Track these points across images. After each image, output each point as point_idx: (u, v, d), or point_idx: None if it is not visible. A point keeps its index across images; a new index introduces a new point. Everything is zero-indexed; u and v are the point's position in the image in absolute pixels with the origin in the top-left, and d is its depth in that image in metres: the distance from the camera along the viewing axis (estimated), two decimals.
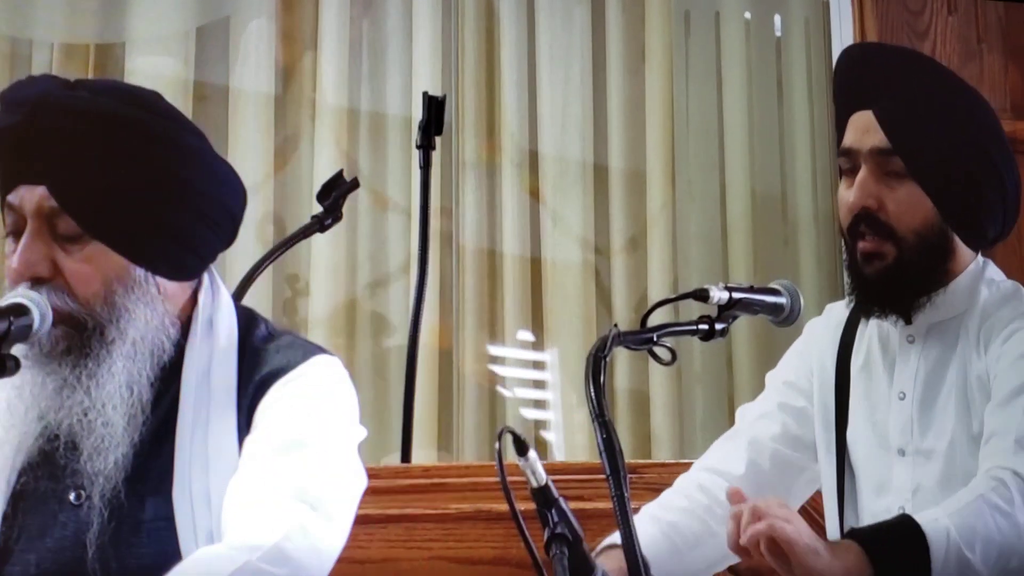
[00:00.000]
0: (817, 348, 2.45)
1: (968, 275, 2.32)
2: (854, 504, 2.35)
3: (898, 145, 2.24)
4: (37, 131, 1.89)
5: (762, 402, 2.50)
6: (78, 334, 1.91)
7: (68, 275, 1.90)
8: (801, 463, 2.44)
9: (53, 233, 1.91)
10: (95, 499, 1.90)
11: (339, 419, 1.99)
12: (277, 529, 1.82)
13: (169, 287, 1.97)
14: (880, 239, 2.27)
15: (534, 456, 1.81)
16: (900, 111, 2.25)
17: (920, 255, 2.27)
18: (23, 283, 1.89)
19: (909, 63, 2.38)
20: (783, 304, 2.26)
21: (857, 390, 2.37)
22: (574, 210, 4.46)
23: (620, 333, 2.06)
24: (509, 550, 2.73)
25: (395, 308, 4.38)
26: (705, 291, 2.19)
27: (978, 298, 2.31)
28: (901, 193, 2.25)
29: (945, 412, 2.26)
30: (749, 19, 4.65)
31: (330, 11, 4.47)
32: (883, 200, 2.25)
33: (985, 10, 4.17)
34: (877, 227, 2.26)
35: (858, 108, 2.29)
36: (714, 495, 2.36)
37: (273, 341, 2.04)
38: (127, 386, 1.92)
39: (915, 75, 2.31)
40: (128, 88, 2.09)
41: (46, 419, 1.93)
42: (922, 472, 2.25)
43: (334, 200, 3.27)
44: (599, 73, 4.56)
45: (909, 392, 2.30)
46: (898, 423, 2.30)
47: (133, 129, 1.91)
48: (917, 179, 2.25)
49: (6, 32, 4.39)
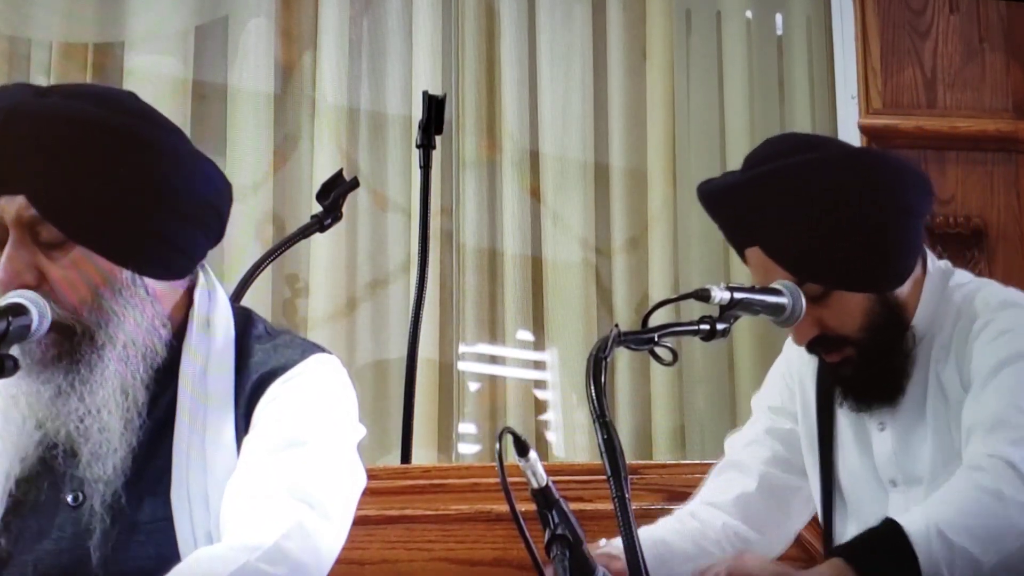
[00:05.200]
0: (797, 369, 2.46)
1: (926, 305, 2.33)
2: (845, 526, 2.36)
3: (804, 275, 2.25)
4: (11, 141, 1.88)
5: (749, 429, 2.52)
6: (68, 340, 1.89)
7: (54, 282, 1.89)
8: (795, 484, 2.46)
9: (36, 241, 1.89)
10: (95, 505, 1.89)
11: (338, 418, 1.98)
12: (276, 529, 1.81)
13: (158, 288, 1.96)
14: (839, 350, 2.30)
15: (535, 457, 1.80)
16: (783, 241, 2.25)
17: (878, 340, 2.29)
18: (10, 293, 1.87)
19: (763, 189, 2.27)
20: (785, 304, 2.25)
21: (844, 419, 2.38)
22: (574, 209, 4.46)
23: (621, 333, 2.05)
24: (509, 551, 2.73)
25: (395, 308, 4.38)
26: (706, 291, 2.18)
27: (949, 309, 2.31)
28: (833, 308, 2.27)
29: (927, 436, 2.27)
30: (750, 18, 4.64)
31: (330, 10, 4.46)
32: (822, 321, 2.28)
33: (987, 9, 4.17)
34: (830, 344, 2.30)
35: (745, 245, 2.31)
36: (706, 521, 2.41)
37: (271, 340, 2.03)
38: (121, 390, 1.91)
39: (779, 197, 2.25)
40: (101, 91, 2.07)
41: (44, 428, 1.92)
42: (916, 500, 2.25)
43: (334, 200, 3.26)
44: (600, 72, 4.56)
45: (888, 422, 2.31)
46: (882, 455, 2.31)
47: (108, 132, 1.89)
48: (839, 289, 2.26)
49: (5, 31, 4.38)
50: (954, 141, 4.00)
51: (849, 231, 2.23)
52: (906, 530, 1.99)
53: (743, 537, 2.41)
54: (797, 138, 2.45)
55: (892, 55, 4.16)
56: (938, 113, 4.06)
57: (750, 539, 2.42)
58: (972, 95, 4.15)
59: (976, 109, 4.09)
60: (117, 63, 4.37)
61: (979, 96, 4.15)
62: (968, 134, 4.03)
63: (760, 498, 2.45)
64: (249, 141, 4.36)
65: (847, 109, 4.16)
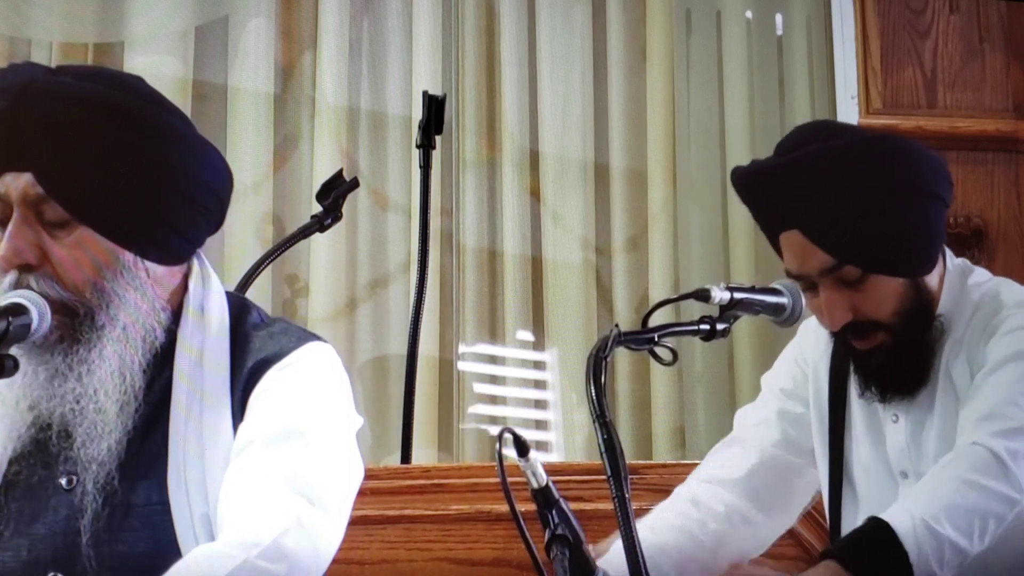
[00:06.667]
0: (811, 353, 2.46)
1: (949, 297, 2.33)
2: (854, 516, 2.35)
3: (843, 256, 2.24)
4: (21, 118, 1.88)
5: (760, 408, 2.50)
6: (69, 321, 1.90)
7: (56, 262, 1.89)
8: (801, 467, 2.45)
9: (40, 220, 1.89)
10: (88, 485, 1.89)
11: (335, 407, 1.98)
12: (275, 525, 1.81)
13: (158, 272, 1.96)
14: (871, 336, 2.29)
15: (535, 457, 1.80)
16: (825, 223, 2.24)
17: (911, 326, 2.29)
18: (11, 271, 1.88)
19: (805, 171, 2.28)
20: (785, 304, 2.26)
21: (858, 409, 2.38)
22: (574, 209, 4.46)
23: (621, 333, 2.06)
24: (509, 551, 2.73)
25: (395, 308, 4.37)
26: (706, 291, 2.18)
27: (967, 306, 2.31)
28: (868, 292, 2.27)
29: (938, 433, 2.26)
30: (750, 18, 4.64)
31: (330, 10, 4.46)
32: (856, 306, 2.27)
33: (987, 9, 4.17)
34: (862, 329, 2.29)
35: (781, 229, 2.30)
36: (709, 508, 2.38)
37: (266, 328, 2.03)
38: (119, 372, 1.91)
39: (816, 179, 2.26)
40: (111, 73, 2.07)
41: (37, 408, 1.92)
42: None
43: (334, 200, 3.26)
44: (600, 72, 4.55)
45: (901, 415, 2.31)
46: (895, 446, 2.31)
47: (117, 113, 1.90)
48: (877, 272, 2.26)
49: (5, 32, 4.38)
50: (954, 141, 4.00)
51: (889, 214, 2.24)
52: (893, 526, 2.00)
53: (748, 519, 2.40)
54: (829, 124, 2.49)
55: (892, 55, 4.16)
56: (938, 113, 4.06)
57: (755, 520, 2.40)
58: (972, 95, 4.15)
59: (976, 109, 4.09)
60: (117, 63, 4.37)
61: (979, 96, 4.15)
62: (968, 134, 4.02)
63: (767, 479, 2.43)
64: (249, 141, 4.35)
65: (847, 109, 4.16)
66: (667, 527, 2.36)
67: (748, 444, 2.46)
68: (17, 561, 1.90)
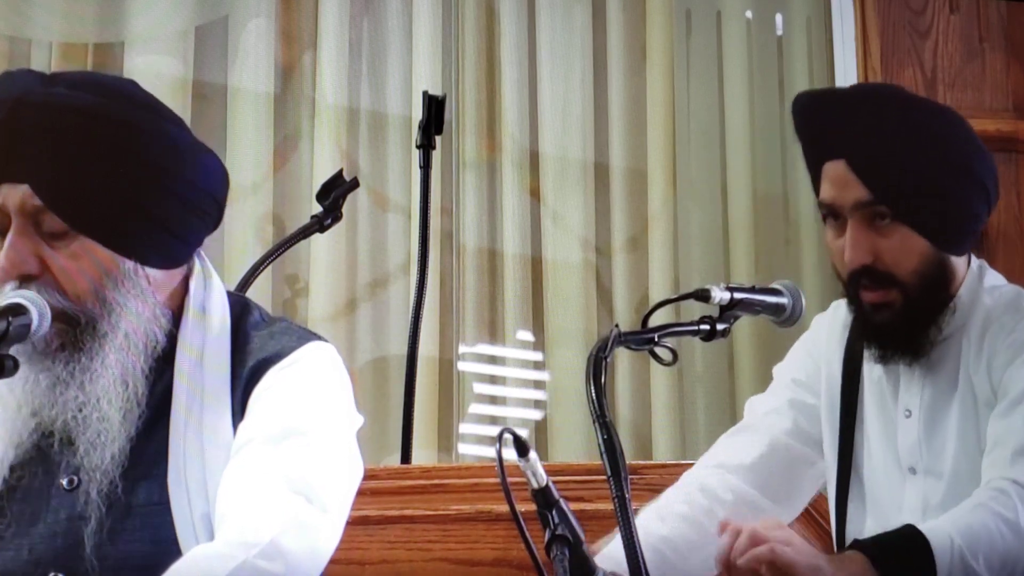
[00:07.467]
0: (825, 346, 2.45)
1: (968, 289, 2.31)
2: (861, 511, 2.35)
3: (880, 195, 2.22)
4: (17, 130, 1.88)
5: (772, 397, 2.49)
6: (71, 330, 1.90)
7: (57, 272, 1.90)
8: (810, 458, 2.44)
9: (39, 230, 1.90)
10: (91, 492, 1.89)
11: (335, 406, 1.98)
12: (273, 524, 1.81)
13: (158, 276, 1.96)
14: (884, 289, 2.26)
15: (535, 457, 1.80)
16: (873, 158, 2.23)
17: (925, 293, 2.26)
18: (11, 282, 1.88)
19: (868, 104, 2.30)
20: (785, 304, 2.25)
21: (871, 403, 2.37)
22: (574, 210, 4.46)
23: (621, 333, 2.05)
24: (509, 551, 2.73)
25: (395, 308, 4.37)
26: (706, 291, 2.18)
27: (980, 308, 2.30)
28: (894, 240, 2.24)
29: (952, 431, 2.26)
30: (750, 18, 4.64)
31: (330, 10, 4.46)
32: (878, 251, 2.24)
33: (987, 9, 4.17)
34: (878, 278, 2.25)
35: (828, 158, 2.27)
36: (716, 495, 2.35)
37: (267, 327, 2.03)
38: (122, 380, 1.91)
39: (877, 115, 2.25)
40: (105, 80, 2.07)
41: (39, 415, 1.92)
42: (932, 491, 2.25)
43: (334, 200, 3.26)
44: (600, 72, 4.55)
45: (915, 410, 2.30)
46: (906, 442, 2.30)
47: (112, 122, 1.90)
48: (906, 222, 2.23)
49: (5, 31, 4.38)
50: None
51: (937, 176, 2.23)
52: (932, 544, 1.99)
53: (756, 506, 2.37)
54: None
55: (892, 55, 4.16)
56: None
57: (763, 508, 2.38)
58: (972, 95, 4.15)
59: (976, 109, 4.09)
60: (117, 63, 4.37)
61: (979, 96, 4.15)
62: None
63: (776, 467, 2.41)
64: (249, 141, 4.36)
65: None
66: (674, 516, 2.33)
67: (758, 432, 2.44)
68: (18, 561, 1.90)
